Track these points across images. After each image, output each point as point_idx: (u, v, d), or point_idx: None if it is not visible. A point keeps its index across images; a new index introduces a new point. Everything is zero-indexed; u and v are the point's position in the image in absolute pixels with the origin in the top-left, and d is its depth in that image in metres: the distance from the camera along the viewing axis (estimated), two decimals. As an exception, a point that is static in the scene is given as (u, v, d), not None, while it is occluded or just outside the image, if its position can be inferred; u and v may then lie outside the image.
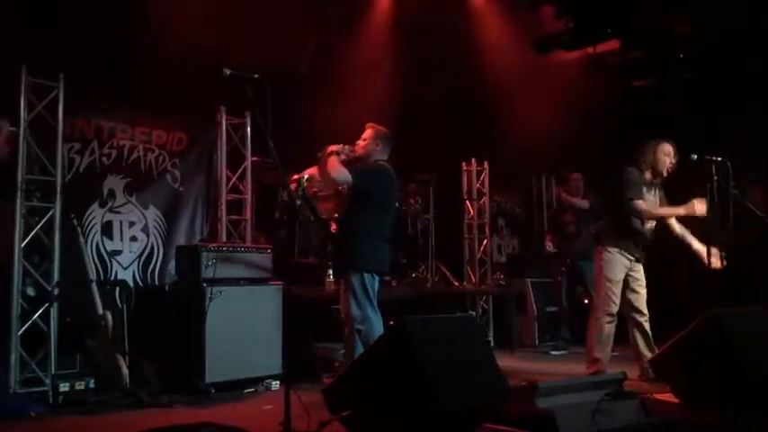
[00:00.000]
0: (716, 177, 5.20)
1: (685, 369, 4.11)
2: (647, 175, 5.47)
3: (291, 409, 3.19)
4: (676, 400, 4.17)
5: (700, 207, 5.20)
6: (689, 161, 5.15)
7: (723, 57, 7.60)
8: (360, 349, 4.81)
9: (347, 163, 4.92)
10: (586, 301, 7.76)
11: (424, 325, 3.25)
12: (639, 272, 5.50)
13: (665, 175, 5.45)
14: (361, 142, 5.00)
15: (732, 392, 3.75)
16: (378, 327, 4.79)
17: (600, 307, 5.43)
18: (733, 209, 5.08)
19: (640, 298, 5.45)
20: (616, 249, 5.42)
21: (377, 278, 4.93)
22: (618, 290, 5.40)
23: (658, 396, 4.16)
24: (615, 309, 5.39)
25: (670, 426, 3.50)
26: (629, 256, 5.44)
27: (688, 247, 5.51)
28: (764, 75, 7.36)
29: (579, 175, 7.79)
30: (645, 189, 5.42)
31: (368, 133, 4.99)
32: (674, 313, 5.26)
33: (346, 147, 4.96)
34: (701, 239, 5.44)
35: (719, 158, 5.10)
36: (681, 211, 5.35)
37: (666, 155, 5.42)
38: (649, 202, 5.42)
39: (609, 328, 5.40)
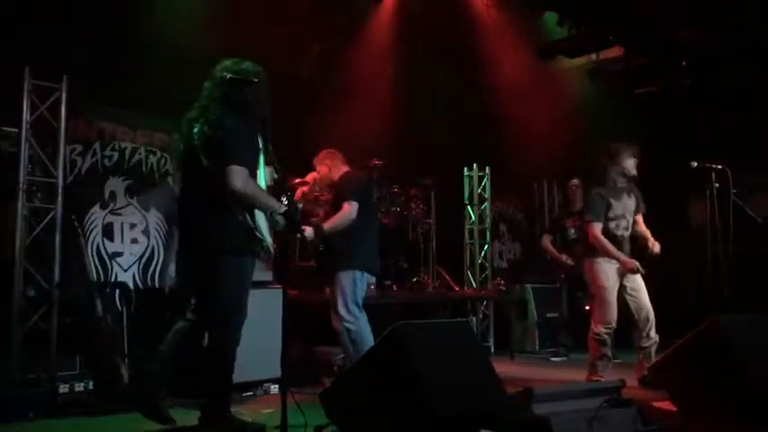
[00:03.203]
0: (716, 185, 5.22)
1: (684, 376, 4.09)
2: (620, 183, 5.44)
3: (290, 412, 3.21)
4: (674, 408, 4.16)
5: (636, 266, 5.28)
6: (689, 168, 5.18)
7: (726, 63, 7.60)
8: (353, 349, 4.89)
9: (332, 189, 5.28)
10: (587, 308, 7.75)
11: (417, 330, 3.25)
12: (636, 281, 5.41)
13: (634, 174, 5.42)
14: (318, 179, 5.44)
15: (732, 400, 3.74)
16: (365, 326, 4.94)
17: (597, 317, 5.38)
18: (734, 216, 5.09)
19: (643, 311, 5.35)
20: (603, 258, 5.36)
21: (366, 278, 5.11)
22: (613, 297, 5.34)
23: (657, 404, 4.15)
24: (613, 317, 5.34)
25: (667, 434, 3.49)
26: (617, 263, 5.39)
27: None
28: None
29: (578, 181, 7.75)
30: (614, 201, 5.40)
31: (318, 169, 5.40)
32: (681, 320, 5.23)
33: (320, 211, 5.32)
34: (703, 249, 5.44)
35: (719, 166, 5.11)
36: (621, 257, 5.31)
37: (629, 156, 5.40)
38: (622, 209, 5.41)
39: (607, 338, 5.37)
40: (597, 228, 5.36)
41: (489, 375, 3.39)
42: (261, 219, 3.69)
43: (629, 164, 5.42)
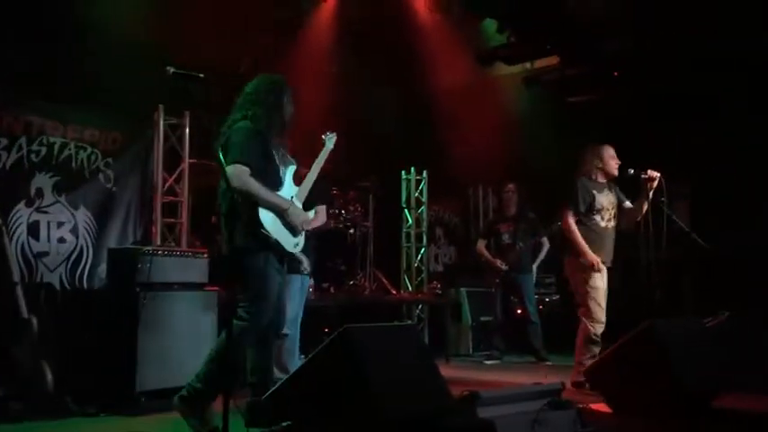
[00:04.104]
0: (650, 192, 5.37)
1: (620, 378, 4.19)
2: (600, 179, 5.55)
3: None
4: (609, 410, 4.25)
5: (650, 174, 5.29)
6: (626, 175, 5.33)
7: (655, 75, 7.87)
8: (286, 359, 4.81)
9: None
10: (519, 311, 7.89)
11: (366, 333, 3.22)
12: (606, 285, 5.43)
13: (615, 174, 5.53)
14: None
15: (667, 401, 3.85)
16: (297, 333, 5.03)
17: (589, 318, 5.31)
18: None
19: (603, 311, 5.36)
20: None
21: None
22: (603, 297, 5.34)
23: (593, 406, 4.23)
24: (604, 316, 5.32)
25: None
26: (602, 262, 5.38)
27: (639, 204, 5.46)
28: (689, 93, 7.65)
29: (514, 185, 7.88)
30: (597, 193, 5.48)
31: None
32: (610, 324, 5.34)
33: None
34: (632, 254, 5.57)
35: (656, 173, 5.27)
36: (586, 251, 5.32)
37: (611, 157, 5.55)
38: (607, 202, 5.50)
39: (597, 339, 5.31)
40: (572, 217, 5.39)
41: (436, 379, 3.39)
42: (267, 217, 3.71)
43: (611, 165, 5.54)
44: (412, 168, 8.72)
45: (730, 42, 7.02)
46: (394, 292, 7.76)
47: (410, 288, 8.50)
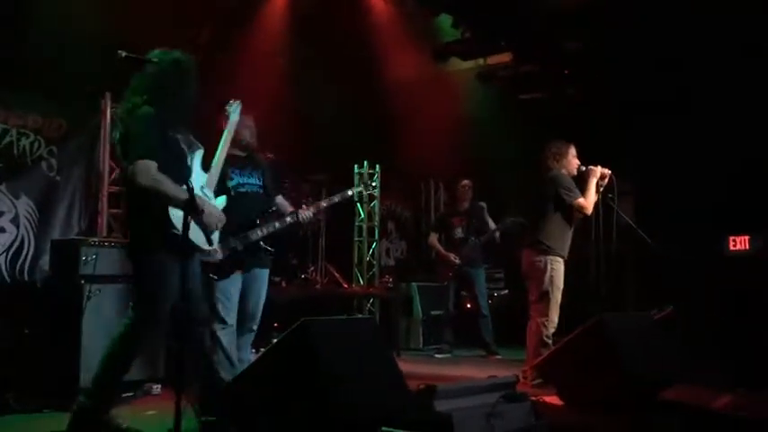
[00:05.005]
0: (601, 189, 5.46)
1: (572, 372, 4.24)
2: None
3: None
4: (561, 403, 4.30)
5: (600, 171, 5.36)
6: (577, 171, 5.40)
7: (603, 76, 8.00)
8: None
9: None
10: (469, 305, 7.94)
11: (325, 326, 3.18)
12: None
13: (574, 173, 5.52)
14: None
15: (615, 393, 3.91)
16: None
17: (544, 317, 5.29)
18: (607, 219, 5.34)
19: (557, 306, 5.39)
20: (561, 258, 5.37)
21: None
22: (560, 297, 5.35)
23: (547, 398, 4.28)
24: (557, 317, 5.33)
25: (558, 428, 3.60)
26: (564, 260, 5.42)
27: None
28: (637, 93, 7.81)
29: (469, 182, 7.90)
30: None
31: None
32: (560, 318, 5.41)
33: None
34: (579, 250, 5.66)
35: (609, 171, 5.35)
36: (593, 186, 5.34)
37: (574, 156, 5.56)
38: None
39: (549, 342, 5.26)
40: (583, 200, 5.32)
41: (394, 373, 3.37)
42: (178, 215, 3.42)
43: (573, 164, 5.53)
44: (365, 162, 8.69)
45: (678, 44, 7.18)
46: (345, 285, 7.74)
47: (362, 282, 8.49)
